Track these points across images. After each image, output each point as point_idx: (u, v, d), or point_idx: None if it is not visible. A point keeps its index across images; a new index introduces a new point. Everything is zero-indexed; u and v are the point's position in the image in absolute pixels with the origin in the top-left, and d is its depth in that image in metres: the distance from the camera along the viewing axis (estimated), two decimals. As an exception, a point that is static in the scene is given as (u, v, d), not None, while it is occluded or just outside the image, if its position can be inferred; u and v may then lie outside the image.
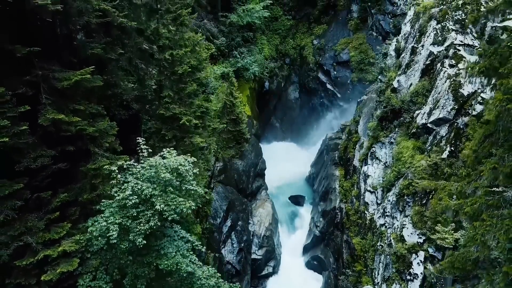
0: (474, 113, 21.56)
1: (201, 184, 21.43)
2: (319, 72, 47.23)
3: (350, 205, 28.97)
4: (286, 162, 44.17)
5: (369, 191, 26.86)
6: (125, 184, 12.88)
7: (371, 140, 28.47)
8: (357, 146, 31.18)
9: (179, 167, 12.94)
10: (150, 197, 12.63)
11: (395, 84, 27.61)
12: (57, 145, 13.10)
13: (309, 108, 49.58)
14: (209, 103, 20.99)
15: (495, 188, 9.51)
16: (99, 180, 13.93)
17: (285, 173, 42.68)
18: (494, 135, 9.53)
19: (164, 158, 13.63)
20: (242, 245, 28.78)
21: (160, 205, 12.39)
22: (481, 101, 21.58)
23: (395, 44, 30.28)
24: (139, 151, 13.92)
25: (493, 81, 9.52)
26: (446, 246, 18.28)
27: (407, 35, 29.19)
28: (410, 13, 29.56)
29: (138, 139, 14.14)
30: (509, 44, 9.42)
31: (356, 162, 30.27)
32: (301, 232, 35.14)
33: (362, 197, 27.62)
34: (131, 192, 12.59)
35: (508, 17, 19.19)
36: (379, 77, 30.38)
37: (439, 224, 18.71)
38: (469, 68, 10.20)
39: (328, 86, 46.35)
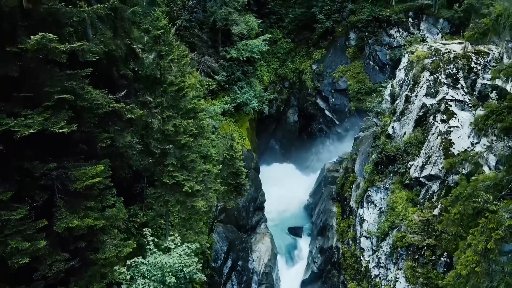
0: (464, 171, 22.49)
1: (202, 241, 22.49)
2: (317, 98, 48.03)
3: (347, 247, 29.96)
4: (285, 186, 45.15)
5: (365, 236, 27.84)
6: (134, 285, 13.89)
7: (367, 183, 29.40)
8: (353, 186, 32.13)
9: (184, 268, 13.97)
10: (158, 298, 13.69)
11: (390, 131, 28.56)
12: (69, 243, 14.06)
13: (308, 133, 50.41)
14: (211, 166, 21.90)
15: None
16: (108, 269, 14.92)
17: (285, 199, 43.68)
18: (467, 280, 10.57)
19: (168, 250, 14.63)
20: (242, 286, 29.75)
21: (166, 307, 13.47)
22: (471, 159, 22.51)
23: (390, 89, 31.17)
24: (146, 242, 14.91)
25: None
26: None
27: (401, 82, 30.07)
28: (404, 60, 30.40)
29: (145, 230, 15.13)
30: (474, 204, 10.35)
31: (352, 203, 31.24)
32: (299, 265, 36.17)
33: (358, 241, 28.62)
34: (139, 296, 13.64)
35: (496, 75, 20.15)
36: (374, 120, 31.28)
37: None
38: (446, 215, 11.17)
39: (327, 112, 47.19)
